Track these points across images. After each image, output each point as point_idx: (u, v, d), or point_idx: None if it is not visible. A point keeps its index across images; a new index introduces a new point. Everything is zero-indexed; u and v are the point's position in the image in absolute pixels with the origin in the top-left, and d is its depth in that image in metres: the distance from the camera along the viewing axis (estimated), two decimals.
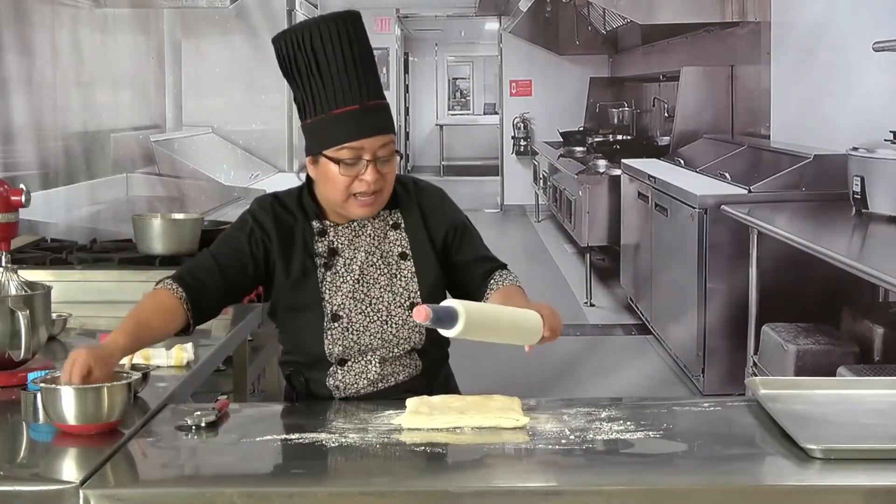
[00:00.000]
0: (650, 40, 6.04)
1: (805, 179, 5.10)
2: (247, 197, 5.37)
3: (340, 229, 2.59)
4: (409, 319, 2.55)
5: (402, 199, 2.64)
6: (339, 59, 2.47)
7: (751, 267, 5.06)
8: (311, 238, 2.58)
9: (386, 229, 2.62)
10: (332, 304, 2.56)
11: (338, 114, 2.48)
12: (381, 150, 2.49)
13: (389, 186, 2.55)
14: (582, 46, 6.02)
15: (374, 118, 2.50)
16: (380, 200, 2.54)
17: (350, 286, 2.56)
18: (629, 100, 6.12)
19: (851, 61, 4.97)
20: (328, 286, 2.56)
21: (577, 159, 6.02)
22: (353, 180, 2.49)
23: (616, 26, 5.93)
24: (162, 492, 1.96)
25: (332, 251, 2.58)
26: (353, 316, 2.55)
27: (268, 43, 2.61)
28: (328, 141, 2.49)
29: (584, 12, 5.93)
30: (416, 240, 2.62)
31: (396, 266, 2.59)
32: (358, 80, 2.48)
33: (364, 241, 2.59)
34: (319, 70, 2.48)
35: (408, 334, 2.58)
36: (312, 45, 2.48)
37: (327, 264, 2.57)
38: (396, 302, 2.57)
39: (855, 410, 2.33)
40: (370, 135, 2.47)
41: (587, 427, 2.22)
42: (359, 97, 2.48)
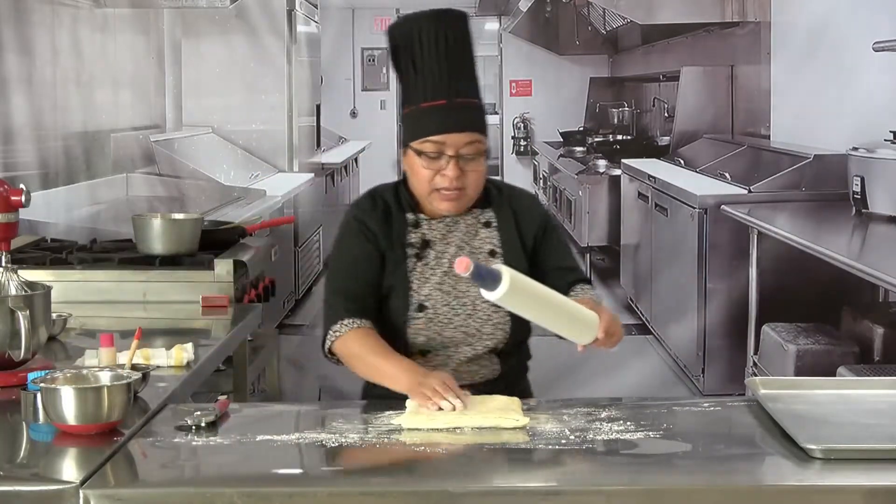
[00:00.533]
0: (650, 40, 6.04)
1: (805, 179, 5.10)
2: (247, 197, 5.37)
3: (434, 223, 2.63)
4: (494, 316, 2.59)
5: (495, 199, 2.68)
6: (433, 55, 2.52)
7: (751, 267, 5.06)
8: (404, 229, 2.62)
9: (478, 227, 2.65)
10: (419, 294, 2.59)
11: (425, 107, 2.53)
12: (466, 147, 2.51)
13: (475, 185, 2.57)
14: (582, 46, 6.02)
15: (461, 115, 2.53)
16: (464, 198, 2.57)
17: (438, 278, 2.59)
18: (629, 100, 6.12)
19: (851, 61, 4.96)
20: (417, 276, 2.60)
21: (577, 159, 6.01)
22: (435, 174, 2.53)
23: (616, 26, 5.92)
24: (162, 492, 1.96)
25: (425, 243, 2.61)
26: (439, 307, 2.58)
27: (268, 43, 2.64)
28: (415, 133, 2.54)
29: (584, 12, 5.93)
30: (506, 238, 2.65)
31: (485, 262, 2.60)
32: (449, 77, 2.52)
33: (456, 237, 2.63)
34: (415, 63, 2.54)
35: (491, 330, 2.60)
36: (411, 38, 2.54)
37: (419, 255, 2.60)
38: (483, 297, 2.57)
39: (855, 410, 2.33)
40: (453, 130, 2.50)
41: (587, 427, 2.22)
42: (447, 93, 2.51)
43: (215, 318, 3.51)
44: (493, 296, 2.23)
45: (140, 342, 2.57)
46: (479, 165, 2.55)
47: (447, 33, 2.53)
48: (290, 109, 5.58)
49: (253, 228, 4.39)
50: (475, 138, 2.53)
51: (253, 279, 4.01)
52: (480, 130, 2.55)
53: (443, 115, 2.52)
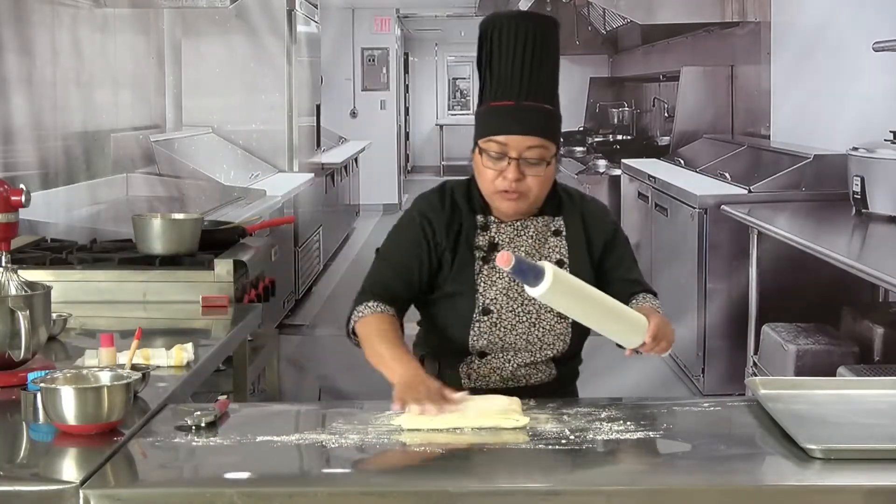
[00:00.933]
0: (650, 40, 6.04)
1: (805, 179, 5.10)
2: (247, 197, 5.37)
3: (503, 227, 2.61)
4: (557, 326, 2.58)
5: (566, 207, 2.64)
6: (509, 56, 2.50)
7: (751, 267, 5.06)
8: (473, 231, 2.59)
9: (547, 234, 2.62)
10: (486, 297, 2.57)
11: (494, 106, 2.52)
12: (529, 151, 2.48)
13: (538, 190, 2.53)
14: (582, 46, 6.02)
15: (527, 118, 2.50)
16: (525, 201, 2.54)
17: (505, 283, 2.57)
18: (629, 100, 6.13)
19: (851, 61, 4.97)
20: (484, 279, 2.58)
21: (577, 159, 6.02)
22: (497, 175, 2.50)
23: (616, 26, 5.93)
24: (162, 492, 1.96)
25: (493, 245, 2.59)
26: (504, 312, 2.57)
27: (268, 43, 2.64)
28: (481, 131, 2.53)
29: (584, 12, 5.93)
30: (574, 248, 2.62)
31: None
32: (521, 79, 2.50)
33: (524, 242, 2.60)
34: (490, 62, 2.53)
35: (552, 340, 2.58)
36: (491, 37, 2.53)
37: (486, 258, 2.58)
38: (547, 307, 2.55)
39: (855, 410, 2.33)
40: (516, 133, 2.48)
41: (587, 427, 2.22)
42: (516, 94, 2.49)
43: (215, 318, 3.51)
44: (535, 292, 2.22)
45: (140, 342, 2.57)
46: (542, 171, 2.51)
47: (527, 35, 2.50)
48: (290, 109, 5.58)
49: (253, 228, 4.39)
50: (539, 143, 2.49)
51: (253, 279, 4.01)
52: (546, 136, 2.51)
53: (508, 116, 2.49)
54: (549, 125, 2.54)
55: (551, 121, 2.55)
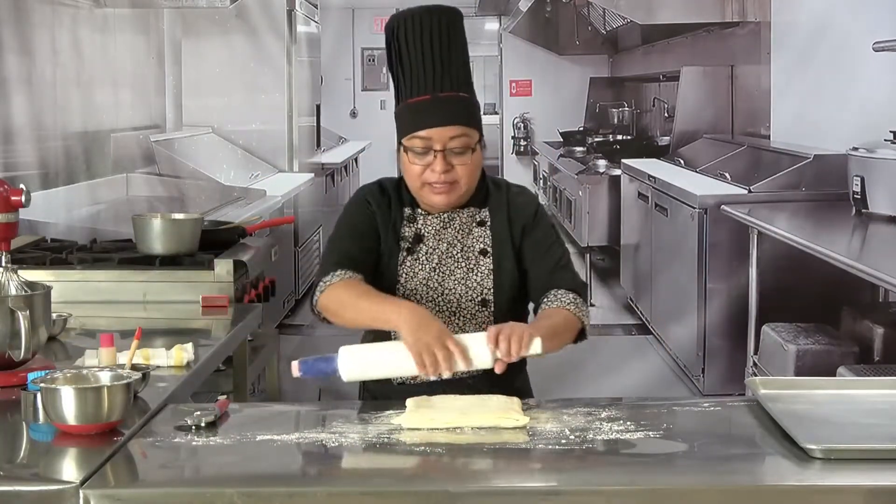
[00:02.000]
0: (650, 40, 6.04)
1: (805, 179, 5.10)
2: (247, 197, 5.37)
3: (430, 219, 2.64)
4: (478, 314, 2.60)
5: (493, 197, 2.66)
6: (419, 50, 2.52)
7: (751, 267, 5.06)
8: (400, 222, 2.63)
9: (472, 225, 2.64)
10: (405, 289, 2.60)
11: (411, 103, 2.54)
12: (453, 141, 2.51)
13: (467, 178, 2.56)
14: (582, 46, 6.02)
15: (446, 108, 2.52)
16: (456, 191, 2.56)
17: (426, 274, 2.61)
18: (629, 100, 6.12)
19: (851, 61, 4.96)
20: (406, 271, 2.61)
21: (577, 159, 6.02)
22: (424, 169, 2.53)
23: (616, 26, 5.92)
24: (162, 492, 1.96)
25: (418, 238, 2.62)
26: (423, 304, 2.59)
27: (268, 43, 2.66)
28: (402, 130, 2.55)
29: (584, 12, 5.93)
30: (498, 238, 2.64)
31: (475, 261, 2.62)
32: (434, 72, 2.52)
33: (449, 234, 2.63)
34: (401, 60, 2.55)
35: (475, 329, 2.59)
36: (398, 36, 2.55)
37: (410, 249, 2.61)
38: (468, 296, 2.60)
39: (855, 410, 2.33)
40: (437, 125, 2.50)
41: (587, 427, 2.22)
42: (432, 87, 2.52)
43: (215, 318, 3.51)
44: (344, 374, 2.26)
45: (140, 342, 2.57)
46: (468, 159, 2.55)
47: (432, 29, 2.54)
48: (290, 109, 5.58)
49: (253, 228, 4.39)
50: (462, 132, 2.53)
51: (253, 279, 4.01)
52: (468, 124, 2.54)
53: (427, 109, 2.52)
54: (469, 112, 2.57)
55: (470, 108, 2.58)
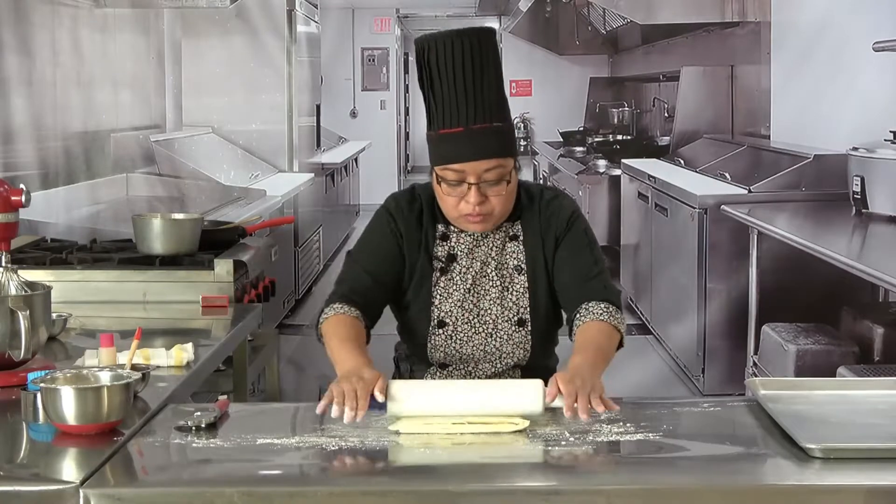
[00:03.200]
0: (650, 40, 6.04)
1: (805, 179, 5.10)
2: (247, 197, 5.37)
3: (463, 236, 2.58)
4: (515, 335, 2.57)
5: (525, 210, 2.59)
6: (450, 79, 2.44)
7: (751, 267, 5.06)
8: (433, 241, 2.58)
9: (505, 240, 2.59)
10: (440, 311, 2.57)
11: (443, 134, 2.47)
12: (487, 173, 2.45)
13: (502, 207, 2.50)
14: (582, 46, 6.02)
15: (480, 142, 2.44)
16: (491, 220, 2.51)
17: (461, 294, 2.57)
18: (629, 100, 6.13)
19: (851, 61, 4.96)
20: (440, 291, 2.57)
21: (577, 159, 6.02)
22: (459, 201, 2.48)
23: (616, 26, 5.93)
24: (162, 492, 1.96)
25: (451, 257, 2.58)
26: (459, 325, 2.56)
27: (268, 43, 2.64)
28: (436, 159, 2.49)
29: (584, 12, 5.93)
30: (532, 253, 2.58)
31: (510, 279, 2.57)
32: (466, 102, 2.44)
33: (482, 251, 2.58)
34: (433, 87, 2.47)
35: (512, 349, 2.57)
36: (429, 61, 2.47)
37: (444, 269, 2.57)
38: (505, 316, 2.57)
39: (855, 410, 2.33)
40: (470, 159, 2.44)
41: (587, 428, 2.21)
42: (465, 120, 2.44)
43: (215, 318, 3.51)
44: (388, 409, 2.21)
45: (140, 342, 2.57)
46: (503, 189, 2.48)
47: (464, 54, 2.45)
48: (290, 109, 5.58)
49: (253, 228, 4.39)
50: (496, 164, 2.45)
51: (253, 279, 4.01)
52: (502, 155, 2.47)
53: (461, 143, 2.45)
54: (503, 143, 2.49)
55: (505, 137, 2.50)
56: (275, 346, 4.36)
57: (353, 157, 6.29)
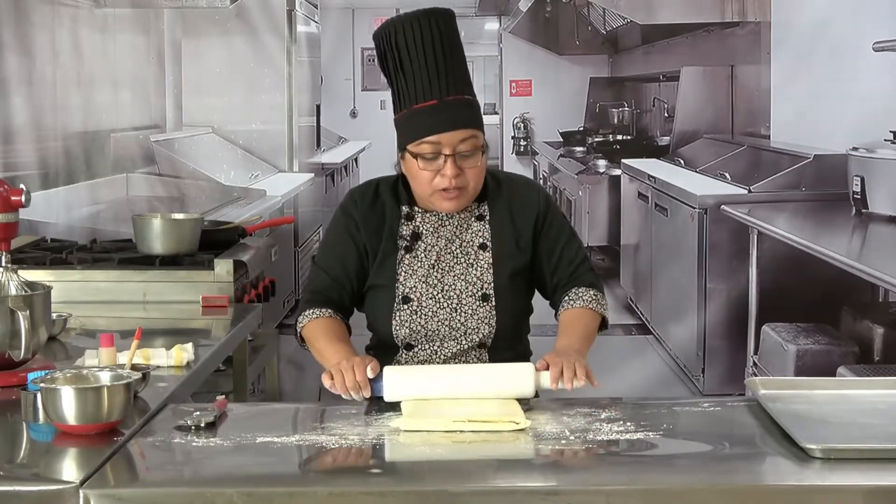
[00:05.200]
0: (650, 40, 6.04)
1: (805, 179, 5.09)
2: (247, 197, 5.37)
3: (428, 216, 2.65)
4: (479, 309, 2.61)
5: (492, 192, 2.67)
6: (421, 56, 2.52)
7: (751, 267, 5.05)
8: (397, 222, 2.64)
9: (470, 220, 2.65)
10: (405, 287, 2.61)
11: (417, 109, 2.53)
12: (462, 144, 2.52)
13: (475, 181, 2.57)
14: (582, 46, 6.01)
15: (454, 113, 2.53)
16: (465, 195, 2.58)
17: (425, 270, 2.61)
18: (629, 100, 6.12)
19: (851, 61, 4.96)
20: (405, 268, 2.62)
21: (577, 159, 6.01)
22: (434, 175, 2.53)
23: (616, 26, 5.92)
24: (162, 492, 1.96)
25: (416, 235, 2.63)
26: (424, 300, 2.60)
27: (268, 43, 2.66)
28: (409, 136, 2.55)
29: (584, 12, 5.93)
30: (498, 232, 2.64)
31: (475, 256, 2.63)
32: (438, 76, 2.52)
33: (447, 230, 2.64)
34: (402, 67, 2.54)
35: (476, 324, 2.61)
36: (397, 43, 2.55)
37: (408, 247, 2.62)
38: (469, 291, 2.61)
39: (855, 410, 2.33)
40: (448, 129, 2.51)
41: (587, 427, 2.21)
42: (438, 92, 2.52)
43: (215, 318, 3.51)
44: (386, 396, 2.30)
45: (140, 342, 2.57)
46: (477, 161, 2.56)
47: (432, 32, 2.54)
48: (290, 109, 5.57)
49: (253, 228, 4.39)
50: (470, 134, 2.53)
51: (253, 279, 4.01)
52: (475, 126, 2.56)
53: (435, 114, 2.52)
54: (476, 115, 2.58)
55: (476, 110, 2.59)
56: (275, 346, 4.36)
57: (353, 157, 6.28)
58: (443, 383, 2.33)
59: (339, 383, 2.32)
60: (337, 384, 2.33)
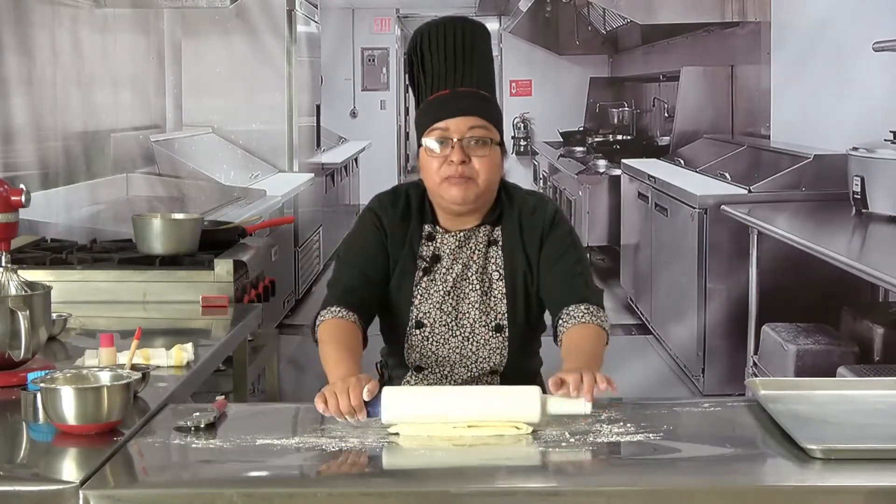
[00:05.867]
0: (650, 40, 6.04)
1: (805, 179, 5.10)
2: (247, 197, 5.37)
3: (447, 237, 2.59)
4: (492, 340, 2.56)
5: (506, 213, 2.60)
6: (440, 53, 2.54)
7: (751, 267, 5.06)
8: (418, 240, 2.59)
9: (487, 245, 2.59)
10: (419, 311, 2.57)
11: (431, 99, 2.53)
12: (470, 131, 2.49)
13: (486, 174, 2.50)
14: (582, 46, 6.02)
15: (464, 101, 2.51)
16: (474, 188, 2.50)
17: (440, 296, 2.57)
18: (629, 100, 6.12)
19: (851, 61, 4.97)
20: (421, 291, 2.57)
21: (577, 159, 6.02)
22: (442, 163, 2.49)
23: (616, 26, 5.92)
24: (162, 492, 1.96)
25: (436, 258, 2.58)
26: (437, 327, 2.56)
27: (268, 43, 2.67)
28: (421, 126, 2.54)
29: (584, 12, 5.93)
30: (510, 258, 2.58)
31: (490, 284, 2.57)
32: (454, 68, 2.53)
33: (465, 255, 2.58)
34: (423, 68, 2.56)
35: (488, 354, 2.57)
36: (421, 48, 2.56)
37: (427, 269, 2.57)
38: (482, 321, 2.56)
39: (855, 410, 2.33)
40: (455, 115, 2.49)
41: (587, 429, 2.21)
42: (451, 83, 2.52)
43: (215, 318, 3.51)
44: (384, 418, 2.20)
45: (140, 342, 2.57)
46: (487, 152, 2.49)
47: (455, 34, 2.54)
48: (290, 109, 5.58)
49: (253, 228, 4.39)
50: (480, 123, 2.49)
51: (253, 279, 4.01)
52: (486, 117, 2.51)
53: (446, 102, 2.51)
54: (489, 108, 2.54)
55: (491, 106, 2.56)
56: (275, 346, 4.36)
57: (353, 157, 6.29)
58: (443, 406, 2.23)
59: (333, 406, 2.19)
60: (330, 407, 2.20)
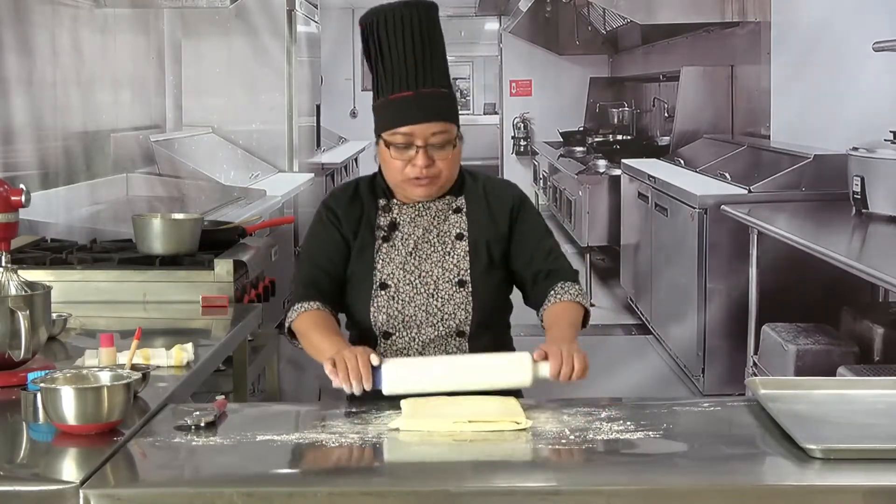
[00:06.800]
0: (650, 40, 6.04)
1: (805, 179, 5.10)
2: (247, 197, 5.37)
3: (405, 207, 2.69)
4: (456, 295, 2.63)
5: (469, 187, 2.71)
6: (400, 46, 2.57)
7: (751, 267, 5.06)
8: (374, 213, 2.68)
9: (448, 212, 2.69)
10: (382, 273, 2.64)
11: (393, 99, 2.58)
12: (434, 136, 2.56)
13: (448, 172, 2.61)
14: (582, 46, 6.01)
15: (428, 105, 2.57)
16: (437, 183, 2.61)
17: (402, 258, 2.64)
18: (629, 100, 6.12)
19: (851, 61, 4.96)
20: (382, 257, 2.65)
21: (577, 159, 6.01)
22: (406, 164, 2.58)
23: (616, 26, 5.92)
24: (162, 492, 1.96)
25: (393, 225, 2.67)
26: (401, 286, 2.63)
27: (268, 43, 2.68)
28: (384, 124, 2.59)
29: (584, 12, 5.92)
30: (475, 223, 2.68)
31: (451, 245, 2.66)
32: (416, 67, 2.56)
33: (424, 220, 2.67)
34: (382, 55, 2.59)
35: (453, 310, 2.63)
36: (378, 31, 2.59)
37: (386, 237, 2.66)
38: (445, 277, 2.64)
39: (855, 410, 2.33)
40: (420, 121, 2.55)
41: (587, 427, 2.22)
42: (414, 84, 2.56)
43: (215, 318, 3.51)
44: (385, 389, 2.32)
45: (140, 342, 2.57)
46: (449, 153, 2.59)
47: (412, 23, 2.58)
48: (290, 109, 5.57)
49: (253, 228, 4.39)
50: (443, 128, 2.57)
51: (253, 279, 4.01)
52: (449, 119, 2.59)
53: (410, 106, 2.56)
54: (449, 108, 2.62)
55: (451, 102, 2.63)
56: (275, 346, 4.36)
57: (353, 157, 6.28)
58: (441, 373, 2.37)
59: (342, 370, 2.33)
60: (339, 371, 2.33)
